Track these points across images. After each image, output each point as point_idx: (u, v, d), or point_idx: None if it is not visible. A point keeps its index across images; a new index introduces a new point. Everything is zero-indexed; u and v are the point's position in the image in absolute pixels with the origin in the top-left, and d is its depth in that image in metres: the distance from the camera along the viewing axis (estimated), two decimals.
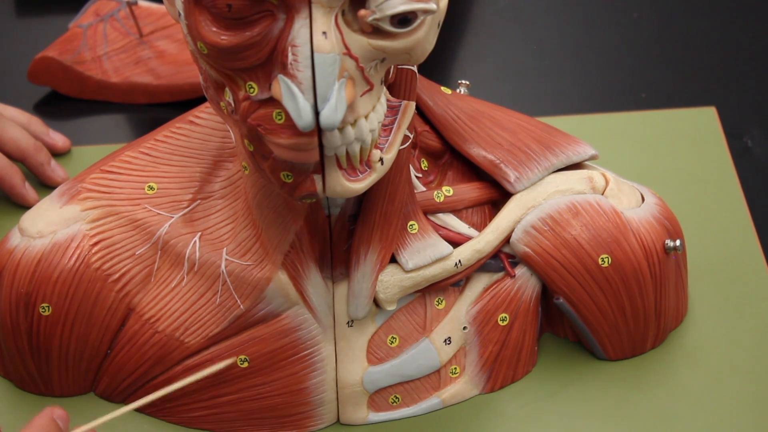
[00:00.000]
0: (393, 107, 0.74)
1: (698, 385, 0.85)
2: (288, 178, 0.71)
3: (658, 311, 0.85)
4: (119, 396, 0.84)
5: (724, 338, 0.87)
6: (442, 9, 0.70)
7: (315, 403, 0.82)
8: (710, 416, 0.83)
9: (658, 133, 1.01)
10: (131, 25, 1.08)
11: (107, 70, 1.07)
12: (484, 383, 0.85)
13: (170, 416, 0.83)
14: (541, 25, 1.13)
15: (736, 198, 0.96)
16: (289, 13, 0.66)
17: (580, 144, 0.85)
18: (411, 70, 0.75)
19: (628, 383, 0.85)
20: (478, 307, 0.83)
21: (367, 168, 0.72)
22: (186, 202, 0.82)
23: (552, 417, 0.84)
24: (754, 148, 1.01)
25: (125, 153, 0.83)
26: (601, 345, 0.85)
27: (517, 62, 1.10)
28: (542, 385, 0.85)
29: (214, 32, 0.67)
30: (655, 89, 1.07)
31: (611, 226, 0.82)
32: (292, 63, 0.67)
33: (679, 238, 0.84)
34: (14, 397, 0.85)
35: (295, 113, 0.67)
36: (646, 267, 0.83)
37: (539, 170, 0.83)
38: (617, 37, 1.12)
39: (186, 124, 0.83)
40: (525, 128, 0.84)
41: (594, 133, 1.00)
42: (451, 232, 0.82)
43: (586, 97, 1.07)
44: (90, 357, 0.83)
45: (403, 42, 0.69)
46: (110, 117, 1.07)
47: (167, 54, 1.07)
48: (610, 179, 0.85)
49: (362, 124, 0.70)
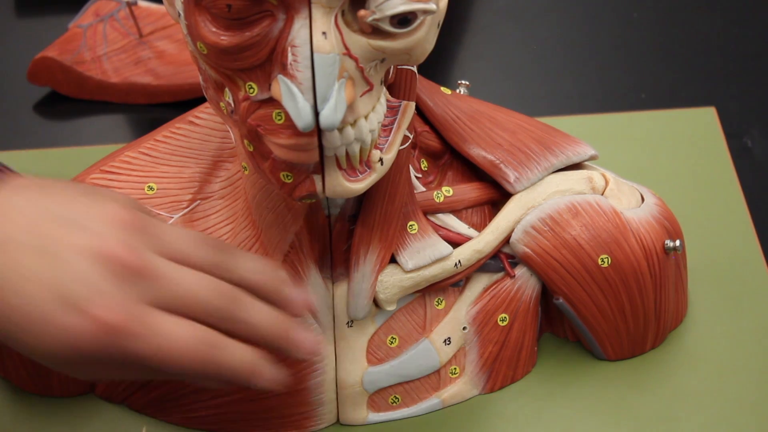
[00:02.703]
0: (393, 107, 0.74)
1: (698, 385, 0.85)
2: (288, 178, 0.71)
3: (658, 311, 0.85)
4: (119, 396, 0.84)
5: (724, 338, 0.87)
6: (442, 9, 0.70)
7: (315, 403, 0.82)
8: (710, 416, 0.83)
9: (658, 133, 1.01)
10: (131, 25, 1.08)
11: (107, 70, 1.07)
12: (483, 383, 0.85)
13: (170, 416, 0.83)
14: (541, 25, 1.13)
15: (736, 198, 0.96)
16: (288, 14, 0.66)
17: (580, 144, 0.85)
18: (411, 70, 0.75)
19: (628, 383, 0.85)
20: (477, 307, 0.83)
21: (367, 168, 0.72)
22: (186, 202, 0.82)
23: (552, 417, 0.84)
24: (754, 148, 1.01)
25: (125, 153, 0.83)
26: (601, 345, 0.85)
27: (517, 62, 1.10)
28: (542, 385, 0.85)
29: (213, 32, 0.67)
30: (655, 89, 1.07)
31: (611, 227, 0.82)
32: (292, 63, 0.67)
33: (678, 239, 0.84)
34: (14, 397, 0.85)
35: (295, 113, 0.67)
36: (646, 267, 0.83)
37: (539, 170, 0.83)
38: (617, 37, 1.12)
39: (186, 124, 0.83)
40: (525, 128, 0.84)
41: (594, 133, 1.00)
42: (451, 232, 0.82)
43: (586, 97, 1.07)
44: None
45: (403, 42, 0.69)
46: (110, 117, 1.07)
47: (167, 54, 1.07)
48: (609, 179, 0.85)
49: (362, 125, 0.70)
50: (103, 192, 0.71)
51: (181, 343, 0.67)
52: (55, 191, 0.70)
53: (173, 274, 0.68)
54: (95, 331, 0.66)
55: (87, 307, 0.66)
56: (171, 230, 0.70)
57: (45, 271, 0.66)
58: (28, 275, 0.66)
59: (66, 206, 0.68)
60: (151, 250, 0.68)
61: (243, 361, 0.69)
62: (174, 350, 0.67)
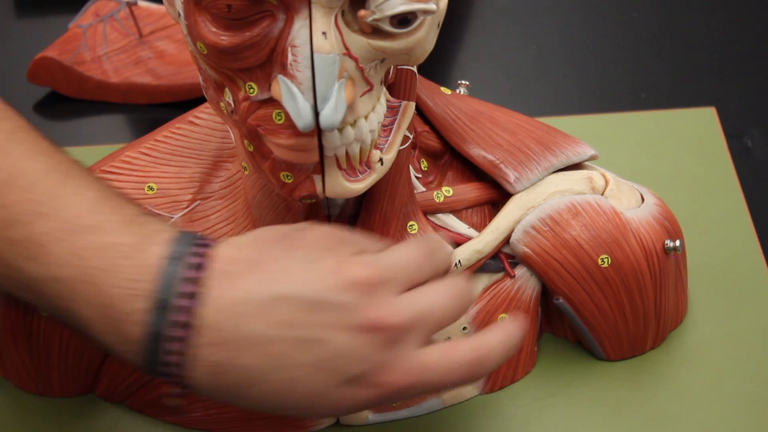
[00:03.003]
0: (393, 107, 0.74)
1: (698, 385, 0.85)
2: (288, 178, 0.71)
3: (658, 311, 0.85)
4: (119, 396, 0.84)
5: (724, 338, 0.87)
6: (442, 9, 0.70)
7: None
8: (710, 416, 0.83)
9: (658, 133, 1.01)
10: (131, 25, 1.08)
11: (107, 70, 1.07)
12: (483, 383, 0.85)
13: (170, 416, 0.83)
14: (541, 25, 1.13)
15: (736, 198, 0.96)
16: (288, 14, 0.66)
17: (580, 144, 0.85)
18: (411, 70, 0.75)
19: (628, 383, 0.85)
20: (477, 307, 0.83)
21: (367, 168, 0.72)
22: (186, 202, 0.82)
23: (552, 417, 0.84)
24: (754, 149, 1.01)
25: (125, 153, 0.83)
26: (601, 345, 0.85)
27: (517, 62, 1.10)
28: (542, 385, 0.85)
29: (213, 32, 0.67)
30: (655, 89, 1.07)
31: (611, 227, 0.82)
32: (292, 63, 0.67)
33: (678, 239, 0.84)
34: (14, 397, 0.85)
35: (295, 113, 0.67)
36: (646, 267, 0.83)
37: (539, 170, 0.83)
38: (617, 37, 1.12)
39: (186, 124, 0.83)
40: (525, 128, 0.84)
41: (594, 133, 1.00)
42: (451, 232, 0.82)
43: (586, 97, 1.07)
44: (90, 357, 0.83)
45: (402, 42, 0.69)
46: (110, 117, 1.07)
47: (167, 54, 1.07)
48: (609, 179, 0.85)
49: (362, 125, 0.70)
50: (307, 241, 0.70)
51: (455, 365, 0.70)
52: (263, 261, 0.69)
53: (424, 309, 0.69)
54: (385, 393, 0.69)
55: (372, 378, 0.68)
56: (392, 259, 0.70)
57: (319, 360, 0.67)
58: (304, 368, 0.67)
59: (289, 282, 0.68)
60: (395, 294, 0.69)
61: (501, 346, 0.71)
62: (453, 375, 0.70)
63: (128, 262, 0.68)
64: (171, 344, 0.67)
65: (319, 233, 0.70)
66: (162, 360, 0.68)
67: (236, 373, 0.67)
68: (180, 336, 0.67)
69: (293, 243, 0.70)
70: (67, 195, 0.70)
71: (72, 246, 0.68)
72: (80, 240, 0.68)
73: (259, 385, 0.68)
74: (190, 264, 0.68)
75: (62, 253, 0.68)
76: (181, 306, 0.67)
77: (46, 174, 0.70)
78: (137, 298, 0.67)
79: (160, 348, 0.67)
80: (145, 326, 0.67)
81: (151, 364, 0.68)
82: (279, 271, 0.68)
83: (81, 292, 0.68)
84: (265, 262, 0.69)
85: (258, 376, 0.67)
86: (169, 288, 0.67)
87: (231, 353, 0.67)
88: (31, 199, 0.69)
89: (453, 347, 0.70)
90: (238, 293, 0.67)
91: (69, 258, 0.68)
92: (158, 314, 0.67)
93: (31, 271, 0.69)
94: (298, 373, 0.67)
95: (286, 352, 0.67)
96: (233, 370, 0.67)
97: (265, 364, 0.67)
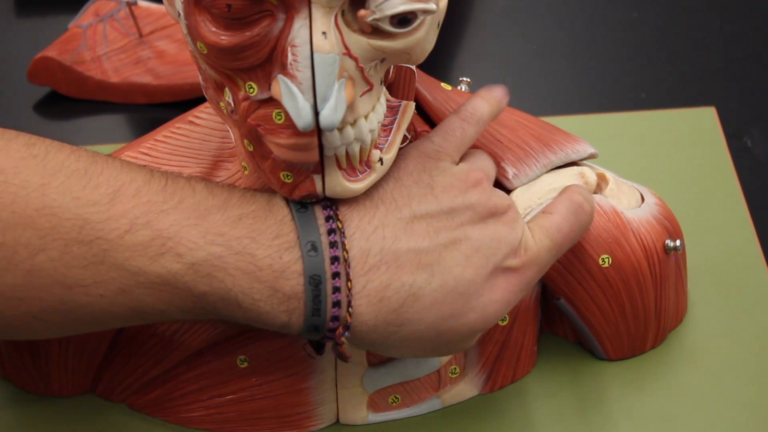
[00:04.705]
0: (393, 107, 0.74)
1: (698, 385, 0.85)
2: (288, 178, 0.71)
3: (658, 311, 0.85)
4: (119, 396, 0.84)
5: (724, 338, 0.87)
6: (442, 9, 0.70)
7: (315, 403, 0.82)
8: (710, 416, 0.83)
9: (658, 133, 1.01)
10: (131, 25, 1.08)
11: (107, 70, 1.07)
12: (483, 383, 0.85)
13: (170, 416, 0.83)
14: (541, 25, 1.13)
15: (736, 198, 0.96)
16: (288, 14, 0.66)
17: (579, 142, 0.85)
18: (410, 70, 0.75)
19: (628, 383, 0.85)
20: None
21: (367, 168, 0.72)
22: None
23: (552, 417, 0.84)
24: (754, 148, 1.01)
25: (125, 153, 0.83)
26: (601, 345, 0.85)
27: (517, 62, 1.10)
28: (542, 385, 0.85)
29: (213, 32, 0.67)
30: (655, 89, 1.07)
31: (611, 227, 0.82)
32: (292, 63, 0.67)
33: (679, 238, 0.84)
34: (14, 397, 0.85)
35: (295, 113, 0.67)
36: (647, 267, 0.83)
37: (537, 167, 0.83)
38: (617, 37, 1.12)
39: (186, 124, 0.83)
40: (524, 125, 0.84)
41: (594, 133, 1.00)
42: None
43: (586, 97, 1.07)
44: (90, 357, 0.83)
45: (402, 42, 0.69)
46: (110, 117, 1.07)
47: (167, 54, 1.07)
48: (609, 179, 0.85)
49: (362, 124, 0.70)
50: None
51: (569, 212, 0.78)
52: (384, 194, 0.74)
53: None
54: (532, 269, 0.75)
55: (518, 257, 0.74)
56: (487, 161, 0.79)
57: (469, 254, 0.73)
58: (458, 267, 0.73)
59: (419, 204, 0.74)
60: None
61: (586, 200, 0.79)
62: (572, 223, 0.78)
63: (266, 223, 0.71)
64: (333, 281, 0.70)
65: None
66: (326, 303, 0.70)
67: (398, 293, 0.71)
68: (337, 271, 0.70)
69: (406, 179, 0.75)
70: (176, 191, 0.72)
71: (207, 227, 0.70)
72: (214, 219, 0.71)
73: (423, 299, 0.71)
74: (323, 205, 0.72)
75: (197, 236, 0.70)
76: (329, 242, 0.70)
77: (146, 181, 0.72)
78: (287, 251, 0.70)
79: (322, 290, 0.70)
80: (302, 275, 0.70)
81: (315, 313, 0.70)
82: (405, 197, 0.73)
83: (232, 264, 0.70)
84: (386, 193, 0.73)
85: (419, 288, 0.71)
86: (311, 232, 0.71)
87: (388, 274, 0.71)
88: (143, 202, 0.71)
89: (551, 212, 0.78)
90: (375, 222, 0.72)
91: (210, 237, 0.70)
92: (310, 258, 0.70)
93: (161, 269, 0.70)
94: (454, 273, 0.72)
95: (438, 257, 0.72)
96: (394, 292, 0.71)
97: (421, 274, 0.71)
